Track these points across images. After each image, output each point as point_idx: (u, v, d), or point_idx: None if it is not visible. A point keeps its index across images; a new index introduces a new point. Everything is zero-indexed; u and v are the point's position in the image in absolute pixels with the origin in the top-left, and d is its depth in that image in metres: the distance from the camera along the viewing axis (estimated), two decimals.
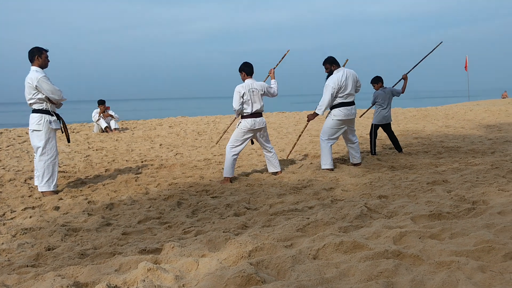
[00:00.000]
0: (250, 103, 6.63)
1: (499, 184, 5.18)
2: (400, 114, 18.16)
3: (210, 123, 16.46)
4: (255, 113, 6.70)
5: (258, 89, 6.71)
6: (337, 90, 6.90)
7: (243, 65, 6.79)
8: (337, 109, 7.02)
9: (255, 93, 6.67)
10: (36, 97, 5.96)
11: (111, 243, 3.99)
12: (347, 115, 7.03)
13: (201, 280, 2.75)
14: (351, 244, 3.15)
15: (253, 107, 6.66)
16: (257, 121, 6.73)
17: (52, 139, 6.10)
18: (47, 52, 6.10)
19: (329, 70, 7.10)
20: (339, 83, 6.88)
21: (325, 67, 7.15)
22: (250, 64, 6.79)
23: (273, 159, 6.98)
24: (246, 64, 6.78)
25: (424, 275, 2.61)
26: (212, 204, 5.31)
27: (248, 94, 6.61)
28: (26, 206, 5.45)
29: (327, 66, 7.11)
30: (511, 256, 2.76)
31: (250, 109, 6.65)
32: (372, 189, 5.55)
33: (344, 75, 6.93)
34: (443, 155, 8.08)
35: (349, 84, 6.96)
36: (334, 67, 7.04)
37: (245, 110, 6.67)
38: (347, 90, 6.95)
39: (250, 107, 6.64)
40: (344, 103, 7.00)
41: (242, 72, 6.79)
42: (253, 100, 6.66)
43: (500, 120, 14.59)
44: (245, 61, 6.82)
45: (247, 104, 6.63)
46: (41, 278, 2.95)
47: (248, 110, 6.66)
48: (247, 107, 6.65)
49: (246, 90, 6.61)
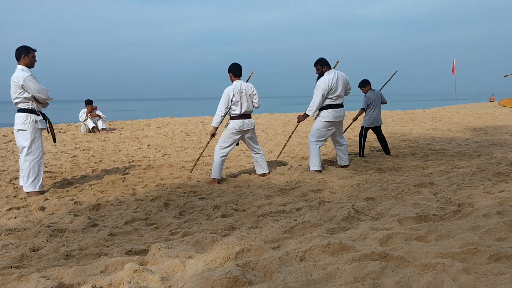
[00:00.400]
0: (239, 104, 6.61)
1: (485, 186, 5.24)
2: (388, 117, 18.28)
3: (198, 124, 16.42)
4: (243, 114, 6.67)
5: (247, 90, 6.70)
6: (328, 91, 6.93)
7: (232, 66, 6.76)
8: (326, 111, 7.04)
9: (244, 94, 6.65)
10: (22, 96, 5.89)
11: (97, 244, 3.95)
12: (335, 117, 7.05)
13: (187, 281, 2.73)
14: (338, 246, 3.16)
15: (242, 108, 6.63)
16: (246, 122, 6.71)
17: (37, 139, 6.03)
18: (35, 52, 6.03)
19: (320, 72, 7.12)
20: (330, 84, 6.90)
21: (316, 68, 7.16)
22: (239, 65, 6.76)
23: (261, 161, 6.95)
24: (235, 65, 6.75)
25: (410, 277, 2.62)
26: (200, 205, 5.29)
27: (238, 95, 6.58)
28: (11, 206, 5.38)
29: (318, 67, 7.12)
30: (496, 258, 2.79)
31: (239, 110, 6.62)
32: (359, 191, 5.58)
33: (335, 77, 6.95)
34: (430, 157, 8.15)
35: (339, 86, 6.98)
36: (325, 69, 7.06)
37: (234, 111, 6.63)
38: (337, 92, 6.98)
39: (239, 108, 6.62)
40: (333, 105, 7.02)
41: (230, 73, 6.78)
42: (242, 101, 6.63)
43: (486, 123, 14.75)
44: (234, 62, 6.80)
45: (236, 105, 6.60)
46: (25, 280, 2.91)
47: (237, 111, 6.62)
48: (236, 108, 6.61)
49: (235, 92, 6.58)
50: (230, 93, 6.56)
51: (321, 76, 7.09)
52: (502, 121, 15.39)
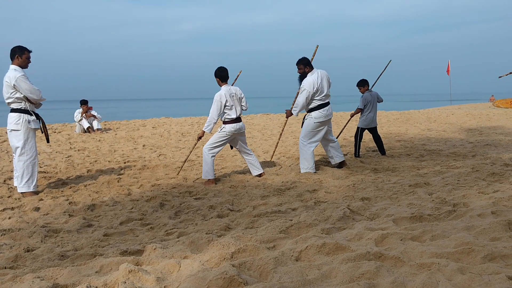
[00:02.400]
0: (234, 108, 6.60)
1: (480, 187, 5.26)
2: (383, 117, 18.32)
3: (194, 124, 16.40)
4: (238, 118, 6.68)
5: (236, 93, 6.68)
6: (313, 93, 6.90)
7: (218, 71, 6.67)
8: (317, 111, 7.01)
9: (235, 97, 6.64)
10: (14, 96, 5.86)
11: (92, 244, 3.94)
12: (326, 116, 7.06)
13: (183, 282, 2.72)
14: (333, 246, 3.16)
15: (237, 112, 6.63)
16: (240, 125, 6.71)
17: (31, 139, 6.00)
18: (30, 53, 5.99)
19: (302, 71, 7.05)
20: (316, 86, 6.87)
21: (298, 68, 7.07)
22: (225, 69, 6.69)
23: (255, 161, 6.93)
24: (221, 69, 6.67)
25: (405, 276, 2.63)
26: (195, 205, 5.28)
27: (230, 100, 6.55)
28: (5, 207, 5.36)
29: (301, 67, 7.03)
30: (490, 258, 2.80)
31: (234, 114, 6.61)
32: (355, 191, 5.59)
33: (319, 78, 6.92)
34: (425, 158, 8.17)
35: (324, 85, 6.98)
36: (308, 69, 7.00)
37: (229, 116, 6.60)
38: (324, 92, 6.99)
39: (234, 111, 6.61)
40: (323, 104, 7.02)
41: (217, 78, 6.70)
42: (236, 105, 6.63)
43: (481, 124, 14.82)
44: (220, 66, 6.71)
45: (230, 109, 6.57)
46: (19, 280, 2.90)
47: (233, 115, 6.61)
48: (231, 113, 6.59)
49: (227, 97, 6.53)
50: (223, 99, 6.51)
51: (303, 76, 7.03)
52: (497, 122, 15.47)
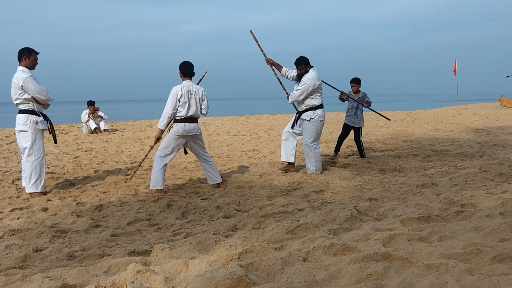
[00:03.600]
0: (187, 106, 6.07)
1: (487, 187, 5.23)
2: (390, 118, 18.26)
3: (200, 124, 16.43)
4: (189, 118, 6.12)
5: (197, 92, 6.18)
6: (313, 90, 6.94)
7: (181, 65, 6.19)
8: (321, 110, 7.07)
9: (193, 96, 6.12)
10: (22, 97, 5.90)
11: (100, 244, 3.96)
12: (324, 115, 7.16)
13: (190, 282, 2.73)
14: (340, 247, 3.16)
15: (189, 111, 6.09)
16: (191, 126, 6.14)
17: (39, 140, 6.03)
18: (37, 54, 6.04)
19: (304, 71, 6.99)
20: (317, 82, 6.94)
21: (299, 68, 6.99)
22: (190, 64, 6.20)
23: (212, 169, 6.35)
24: (185, 64, 6.18)
25: (413, 277, 2.62)
26: (202, 206, 5.29)
27: (186, 96, 6.05)
28: (13, 207, 5.39)
29: (302, 67, 6.98)
30: (499, 259, 2.79)
31: (185, 112, 6.06)
32: (361, 191, 5.58)
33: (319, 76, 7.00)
34: (432, 158, 8.14)
35: (321, 84, 7.06)
36: (309, 68, 7.01)
37: (180, 113, 6.07)
38: (322, 90, 7.08)
39: (185, 110, 6.06)
40: (322, 104, 7.10)
41: (180, 72, 6.22)
42: (191, 103, 6.10)
43: (488, 124, 14.74)
44: (185, 61, 6.22)
45: (182, 106, 6.04)
46: (28, 280, 2.92)
47: (183, 114, 6.06)
48: (182, 110, 6.05)
49: (184, 92, 6.05)
50: (179, 92, 6.02)
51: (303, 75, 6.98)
52: (504, 122, 15.38)
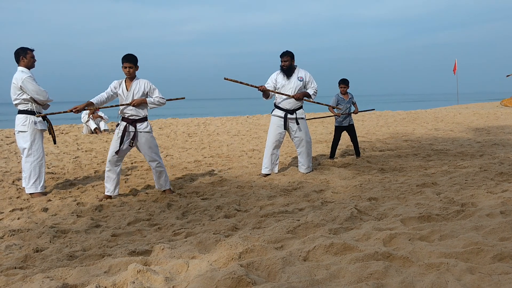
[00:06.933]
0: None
1: (488, 186, 5.23)
2: (390, 117, 18.27)
3: (200, 124, 16.43)
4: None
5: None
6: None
7: (123, 57, 5.63)
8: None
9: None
10: (21, 97, 5.90)
11: (100, 244, 3.96)
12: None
13: (191, 281, 2.73)
14: (341, 246, 3.16)
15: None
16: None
17: (38, 140, 6.02)
18: (33, 51, 6.02)
19: (289, 64, 6.79)
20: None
21: (284, 60, 6.77)
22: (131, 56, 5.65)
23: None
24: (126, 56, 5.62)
25: (414, 276, 2.62)
26: (202, 206, 5.29)
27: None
28: (14, 207, 5.39)
29: (288, 58, 6.76)
30: (499, 258, 2.79)
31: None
32: (362, 191, 5.57)
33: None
34: (432, 157, 8.14)
35: None
36: (293, 62, 6.90)
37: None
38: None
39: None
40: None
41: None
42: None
43: (488, 123, 14.74)
44: (128, 53, 5.65)
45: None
46: (29, 280, 2.92)
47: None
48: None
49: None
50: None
51: (290, 69, 6.81)
52: (505, 121, 15.37)
